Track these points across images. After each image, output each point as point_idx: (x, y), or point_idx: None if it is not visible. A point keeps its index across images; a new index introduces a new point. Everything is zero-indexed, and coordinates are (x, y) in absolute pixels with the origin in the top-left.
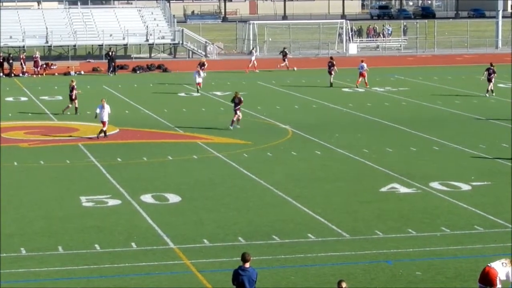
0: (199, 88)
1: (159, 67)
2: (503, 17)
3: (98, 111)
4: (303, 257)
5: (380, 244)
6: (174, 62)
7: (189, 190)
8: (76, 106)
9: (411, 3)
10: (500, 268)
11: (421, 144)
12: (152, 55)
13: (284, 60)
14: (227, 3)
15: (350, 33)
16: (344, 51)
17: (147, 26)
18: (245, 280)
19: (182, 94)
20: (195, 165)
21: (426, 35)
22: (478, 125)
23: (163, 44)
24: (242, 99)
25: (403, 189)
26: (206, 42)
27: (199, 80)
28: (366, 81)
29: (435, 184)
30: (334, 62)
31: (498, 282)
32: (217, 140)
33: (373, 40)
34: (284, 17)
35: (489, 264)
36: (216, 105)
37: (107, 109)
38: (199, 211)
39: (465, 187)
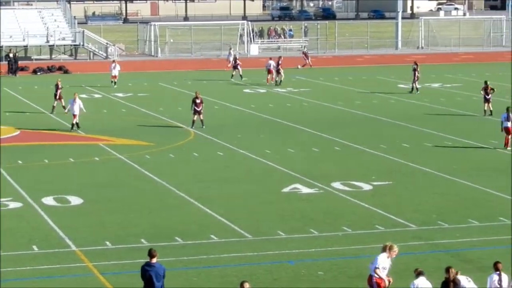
0: (114, 81)
1: (60, 68)
2: (402, 18)
3: (69, 105)
4: (205, 258)
5: (282, 245)
6: (75, 64)
7: (91, 192)
8: (63, 104)
9: (311, 4)
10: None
11: (323, 145)
12: (53, 56)
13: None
14: (128, 5)
15: (252, 34)
16: (246, 52)
17: (47, 27)
18: (153, 275)
19: (83, 96)
20: (97, 167)
21: (327, 36)
22: (379, 125)
23: (64, 45)
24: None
25: (305, 190)
26: (107, 43)
27: (114, 72)
28: (274, 77)
29: (336, 184)
30: None
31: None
32: (118, 141)
33: (274, 41)
34: (186, 18)
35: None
36: (118, 106)
37: (78, 103)
38: (101, 213)
39: (366, 187)
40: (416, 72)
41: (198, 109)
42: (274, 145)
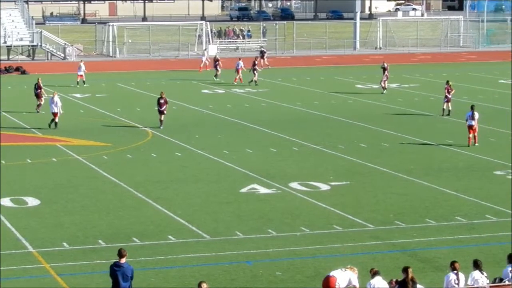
0: (79, 80)
1: (17, 69)
2: (360, 18)
3: (50, 104)
4: (163, 259)
5: (240, 245)
6: (32, 64)
7: (48, 193)
8: (41, 103)
9: (270, 5)
10: (340, 275)
11: (281, 145)
12: (10, 57)
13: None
14: (86, 5)
15: (210, 35)
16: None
17: (5, 28)
18: (119, 276)
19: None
20: (55, 168)
21: (285, 37)
22: (337, 125)
23: (22, 46)
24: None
25: (263, 190)
26: (65, 44)
27: (80, 72)
28: (241, 77)
29: (294, 185)
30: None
31: None
32: (76, 142)
33: (233, 41)
34: (144, 18)
35: (329, 273)
36: (76, 107)
37: (56, 101)
38: (58, 214)
39: (324, 187)
40: (386, 72)
41: (161, 109)
42: (232, 145)
